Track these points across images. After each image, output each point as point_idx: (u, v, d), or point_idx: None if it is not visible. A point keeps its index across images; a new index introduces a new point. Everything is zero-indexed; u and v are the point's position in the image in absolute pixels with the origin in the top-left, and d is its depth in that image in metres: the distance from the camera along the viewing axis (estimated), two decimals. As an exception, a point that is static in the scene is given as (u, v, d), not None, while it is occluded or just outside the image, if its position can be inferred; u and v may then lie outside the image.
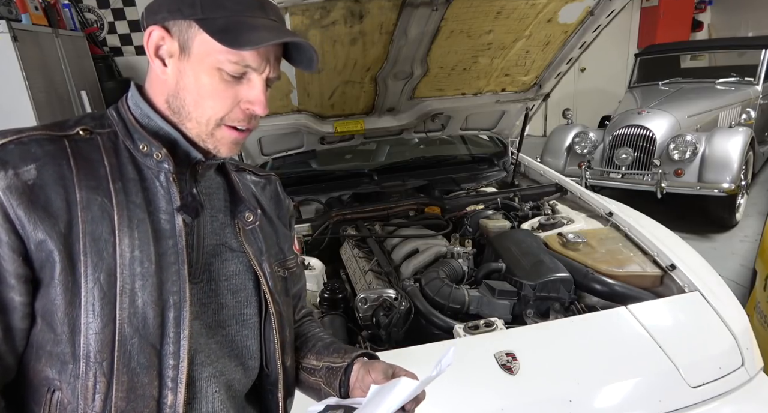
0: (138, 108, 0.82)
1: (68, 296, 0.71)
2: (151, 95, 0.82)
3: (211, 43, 0.75)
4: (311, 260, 2.01)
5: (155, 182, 0.79)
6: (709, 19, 8.36)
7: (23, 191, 0.69)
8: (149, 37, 0.77)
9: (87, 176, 0.74)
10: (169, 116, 0.81)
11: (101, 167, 0.76)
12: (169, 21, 0.76)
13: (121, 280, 0.73)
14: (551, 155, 4.99)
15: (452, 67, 2.27)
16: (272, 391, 0.94)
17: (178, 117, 0.81)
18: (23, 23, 4.43)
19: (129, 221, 0.75)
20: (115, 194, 0.75)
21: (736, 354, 1.48)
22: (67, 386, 0.72)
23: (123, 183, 0.76)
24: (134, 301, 0.74)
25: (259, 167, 1.12)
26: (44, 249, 0.70)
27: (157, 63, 0.78)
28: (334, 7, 1.68)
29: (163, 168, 0.79)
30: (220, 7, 0.75)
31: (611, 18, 2.13)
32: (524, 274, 1.75)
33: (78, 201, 0.72)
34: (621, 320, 1.56)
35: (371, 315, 1.68)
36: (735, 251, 4.08)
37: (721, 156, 4.14)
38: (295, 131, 2.43)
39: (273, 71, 0.81)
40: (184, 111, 0.80)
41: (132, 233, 0.74)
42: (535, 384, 1.36)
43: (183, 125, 0.81)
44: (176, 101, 0.80)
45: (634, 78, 5.89)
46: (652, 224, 2.19)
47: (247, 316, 0.89)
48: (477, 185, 2.90)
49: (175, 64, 0.78)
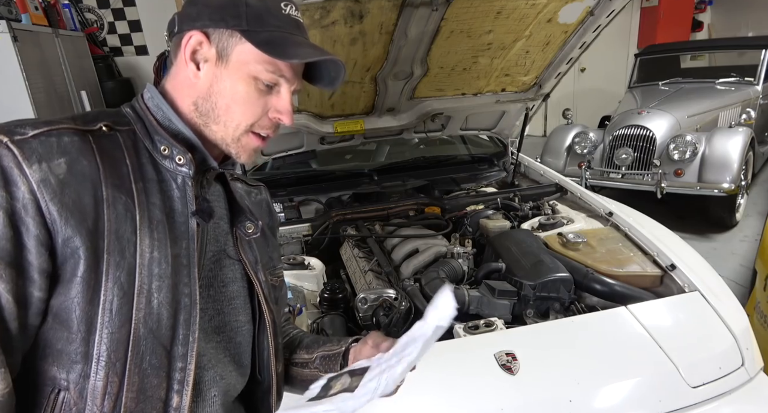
0: (160, 110, 0.82)
1: (89, 294, 0.71)
2: (175, 97, 0.83)
3: (252, 53, 0.78)
4: (311, 260, 2.01)
5: (172, 184, 0.80)
6: (709, 19, 8.36)
7: (56, 185, 0.69)
8: (188, 41, 0.79)
9: (112, 174, 0.74)
10: (193, 118, 0.82)
11: (123, 165, 0.76)
12: (210, 28, 0.78)
13: (139, 280, 0.73)
14: (551, 155, 4.99)
15: (452, 67, 2.27)
16: (264, 398, 0.95)
17: (205, 119, 0.82)
18: (23, 23, 4.44)
19: (149, 222, 0.75)
20: (137, 194, 0.75)
21: (736, 354, 1.47)
22: (75, 386, 0.72)
23: (144, 183, 0.76)
24: (150, 302, 0.74)
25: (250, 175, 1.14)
26: (70, 245, 0.70)
27: (191, 66, 0.80)
28: (334, 7, 1.68)
29: (182, 172, 0.80)
30: (264, 23, 0.79)
31: (611, 18, 2.13)
32: (524, 274, 1.75)
33: (104, 198, 0.72)
34: (621, 320, 1.56)
35: (371, 315, 1.68)
36: (735, 251, 4.08)
37: (721, 156, 4.14)
38: (295, 131, 2.43)
39: (299, 84, 0.86)
40: (213, 114, 0.81)
41: (152, 234, 0.75)
42: (535, 384, 1.36)
43: (208, 127, 0.82)
44: (207, 104, 0.81)
45: (634, 78, 5.89)
46: (652, 224, 2.19)
47: (241, 323, 0.90)
48: (477, 185, 2.90)
49: (211, 69, 0.80)
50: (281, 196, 2.66)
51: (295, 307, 1.63)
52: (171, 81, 0.84)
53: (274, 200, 2.58)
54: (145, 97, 0.84)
